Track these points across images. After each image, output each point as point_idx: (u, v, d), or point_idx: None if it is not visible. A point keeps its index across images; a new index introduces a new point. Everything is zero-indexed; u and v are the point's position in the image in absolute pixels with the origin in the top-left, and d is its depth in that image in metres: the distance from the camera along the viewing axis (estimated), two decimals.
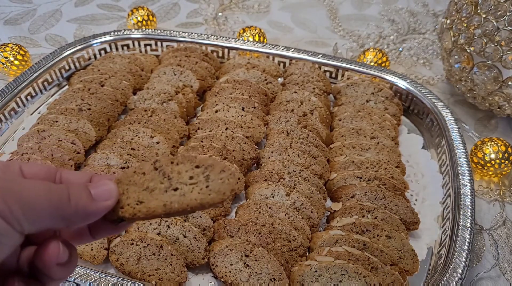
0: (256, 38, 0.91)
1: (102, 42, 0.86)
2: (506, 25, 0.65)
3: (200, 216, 0.57)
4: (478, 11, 0.69)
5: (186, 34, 0.87)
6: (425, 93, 0.77)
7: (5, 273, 0.30)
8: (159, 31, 0.88)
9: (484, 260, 0.60)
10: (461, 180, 0.62)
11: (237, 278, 0.52)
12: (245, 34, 0.91)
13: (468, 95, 0.78)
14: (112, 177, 0.34)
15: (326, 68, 0.83)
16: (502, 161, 0.67)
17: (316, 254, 0.53)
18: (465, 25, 0.71)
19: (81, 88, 0.74)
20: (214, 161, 0.33)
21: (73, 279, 0.49)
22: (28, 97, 0.77)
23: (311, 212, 0.58)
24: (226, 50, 0.87)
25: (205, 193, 0.32)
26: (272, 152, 0.66)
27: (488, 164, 0.68)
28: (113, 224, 0.33)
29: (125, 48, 0.88)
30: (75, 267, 0.32)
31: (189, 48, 0.84)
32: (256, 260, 0.51)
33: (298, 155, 0.64)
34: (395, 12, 1.12)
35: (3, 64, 0.82)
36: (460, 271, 0.52)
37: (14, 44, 0.83)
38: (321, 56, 0.83)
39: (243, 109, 0.72)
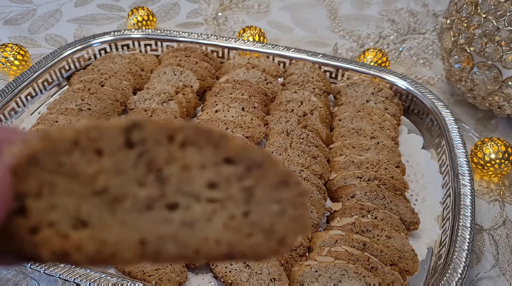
0: (256, 38, 0.91)
1: (102, 42, 0.86)
2: (506, 25, 0.65)
3: None
4: (478, 11, 0.69)
5: (186, 34, 0.87)
6: (425, 93, 0.77)
7: None
8: (159, 31, 0.88)
9: (484, 260, 0.60)
10: (461, 180, 0.62)
11: (237, 278, 0.52)
12: (245, 34, 0.91)
13: (468, 95, 0.78)
14: (13, 137, 0.16)
15: (326, 68, 0.83)
16: (502, 161, 0.67)
17: (316, 254, 0.53)
18: (465, 25, 0.71)
19: (81, 88, 0.74)
20: (267, 157, 0.16)
21: (73, 279, 0.49)
22: (28, 97, 0.77)
23: (311, 212, 0.58)
24: (226, 50, 0.87)
25: (239, 231, 0.16)
26: (272, 152, 0.66)
27: (488, 164, 0.68)
28: (12, 257, 0.16)
29: (125, 48, 0.88)
30: None
31: (189, 48, 0.84)
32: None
33: (298, 155, 0.64)
34: (395, 12, 1.12)
35: (3, 64, 0.82)
36: (460, 271, 0.52)
37: (14, 44, 0.83)
38: (321, 56, 0.83)
39: (243, 109, 0.72)
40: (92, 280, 0.49)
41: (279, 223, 0.16)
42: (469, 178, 0.62)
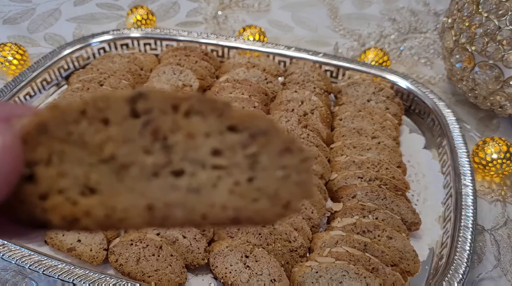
0: (256, 37, 0.90)
1: (101, 41, 0.85)
2: (508, 24, 0.65)
3: None
4: (480, 10, 0.68)
5: (186, 33, 0.87)
6: (426, 93, 0.76)
7: None
8: (158, 30, 0.88)
9: (485, 260, 0.60)
10: (462, 180, 0.62)
11: (237, 279, 0.52)
12: (245, 33, 0.91)
13: (469, 94, 0.77)
14: (24, 112, 0.17)
15: (327, 68, 0.83)
16: (504, 161, 0.67)
17: (316, 255, 0.53)
18: (466, 24, 0.70)
19: (80, 87, 0.73)
20: (270, 125, 0.16)
21: (72, 280, 0.49)
22: (27, 97, 0.76)
23: (312, 212, 0.58)
24: (226, 49, 0.86)
25: (245, 197, 0.16)
26: None
27: (490, 164, 0.67)
28: (18, 224, 0.17)
29: (124, 47, 0.88)
30: None
31: (189, 47, 0.84)
32: (256, 261, 0.51)
33: None
34: (396, 11, 1.12)
35: (2, 63, 0.82)
36: (462, 272, 0.51)
37: (13, 44, 0.83)
38: (321, 55, 0.83)
39: (243, 108, 0.72)
40: (91, 281, 0.49)
41: (283, 188, 0.16)
42: (470, 178, 0.62)
